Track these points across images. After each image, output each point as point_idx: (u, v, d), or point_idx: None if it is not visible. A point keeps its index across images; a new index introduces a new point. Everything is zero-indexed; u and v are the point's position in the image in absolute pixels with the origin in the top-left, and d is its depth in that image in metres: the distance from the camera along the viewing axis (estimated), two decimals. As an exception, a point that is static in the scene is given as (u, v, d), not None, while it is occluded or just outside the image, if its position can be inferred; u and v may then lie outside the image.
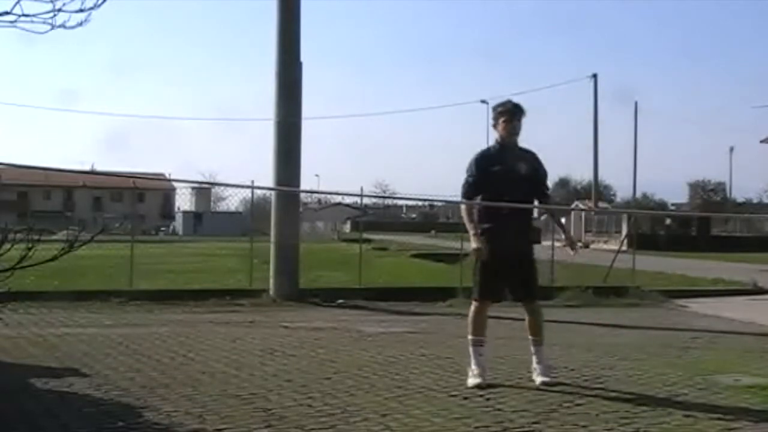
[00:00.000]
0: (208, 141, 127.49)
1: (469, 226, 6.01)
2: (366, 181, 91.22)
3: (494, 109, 6.08)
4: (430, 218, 78.32)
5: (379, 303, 11.50)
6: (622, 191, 66.50)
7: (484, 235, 5.89)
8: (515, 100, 6.06)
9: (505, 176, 5.87)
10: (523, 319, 6.11)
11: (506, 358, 6.84)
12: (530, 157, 6.08)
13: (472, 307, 5.98)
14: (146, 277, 13.49)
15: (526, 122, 6.04)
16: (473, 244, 5.91)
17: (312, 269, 14.33)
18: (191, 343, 7.72)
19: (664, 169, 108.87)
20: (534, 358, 5.94)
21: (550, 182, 6.72)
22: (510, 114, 5.95)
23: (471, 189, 5.98)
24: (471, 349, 5.91)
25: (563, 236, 6.62)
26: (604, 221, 42.84)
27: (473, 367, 5.84)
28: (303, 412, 4.96)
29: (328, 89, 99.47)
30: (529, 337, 5.99)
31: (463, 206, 6.11)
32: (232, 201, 51.38)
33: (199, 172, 65.59)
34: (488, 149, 6.09)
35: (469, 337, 5.94)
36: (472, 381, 5.77)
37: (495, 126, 6.02)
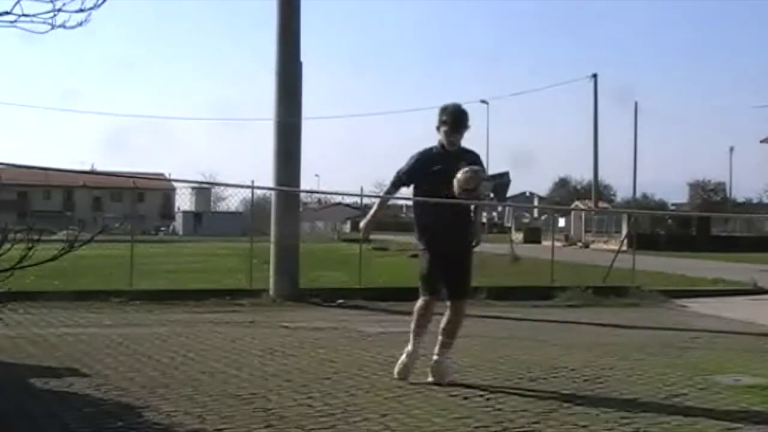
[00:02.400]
0: (208, 141, 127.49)
1: (375, 209, 6.30)
2: (366, 181, 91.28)
3: (440, 111, 5.97)
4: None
5: (379, 303, 11.49)
6: (622, 191, 66.54)
7: (425, 232, 5.96)
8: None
9: (445, 176, 5.77)
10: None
11: (506, 358, 6.85)
12: (471, 158, 5.98)
13: (419, 302, 5.99)
14: (146, 277, 13.49)
15: (526, 123, 6.14)
16: (364, 221, 6.21)
17: (312, 269, 14.32)
18: (191, 343, 7.72)
19: (664, 169, 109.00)
20: (435, 357, 5.90)
21: (550, 182, 6.73)
22: (451, 127, 5.88)
23: (398, 181, 6.05)
24: (412, 335, 5.97)
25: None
26: (604, 221, 42.86)
27: (409, 348, 5.95)
28: (303, 412, 4.96)
29: (328, 89, 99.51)
30: (440, 337, 5.93)
31: (383, 193, 6.27)
32: (232, 201, 51.32)
33: (199, 172, 65.57)
34: (430, 149, 6.01)
35: (412, 325, 5.99)
36: (399, 364, 5.94)
37: (438, 129, 5.97)
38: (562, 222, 44.89)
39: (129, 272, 12.40)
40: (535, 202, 65.91)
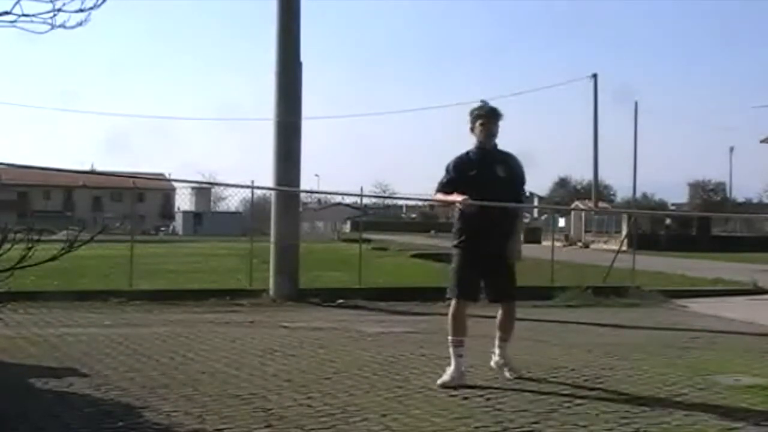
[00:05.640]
0: (208, 141, 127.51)
1: (445, 198, 5.92)
2: (366, 181, 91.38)
3: (471, 112, 6.01)
4: (430, 218, 78.29)
5: (379, 303, 11.50)
6: (622, 191, 66.60)
7: (463, 233, 5.88)
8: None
9: (483, 180, 5.83)
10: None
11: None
12: (509, 160, 6.02)
13: (452, 307, 5.94)
14: (146, 277, 13.49)
15: (526, 123, 6.22)
16: (459, 198, 5.74)
17: (312, 269, 14.33)
18: (191, 343, 7.72)
19: (664, 169, 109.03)
20: (499, 352, 6.03)
21: (550, 182, 6.75)
22: (487, 117, 5.91)
23: (442, 189, 5.95)
24: (451, 349, 5.85)
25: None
26: (604, 221, 42.86)
27: (451, 368, 5.79)
28: (303, 412, 4.95)
29: (328, 89, 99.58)
30: (498, 333, 6.04)
31: (437, 195, 6.01)
32: (232, 201, 51.32)
33: (199, 172, 65.48)
34: (466, 153, 6.00)
35: (449, 337, 5.90)
36: (442, 378, 5.74)
37: (472, 130, 5.98)
38: (562, 222, 44.90)
39: (129, 272, 12.40)
40: (535, 202, 65.91)
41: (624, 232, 32.23)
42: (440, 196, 6.02)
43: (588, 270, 16.17)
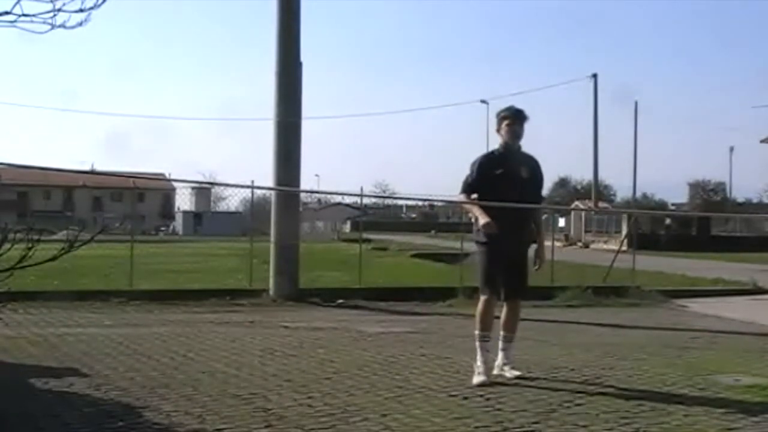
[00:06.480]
0: (208, 141, 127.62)
1: (472, 208, 6.10)
2: (366, 181, 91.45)
3: (497, 114, 6.21)
4: (430, 218, 78.34)
5: (379, 303, 11.50)
6: (622, 191, 66.61)
7: (489, 236, 5.93)
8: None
9: (507, 179, 5.97)
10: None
11: (506, 358, 6.83)
12: (532, 163, 6.21)
13: (481, 303, 6.06)
14: (146, 277, 13.49)
15: (526, 123, 6.13)
16: (482, 220, 5.88)
17: (312, 269, 14.33)
18: (191, 343, 7.72)
19: (664, 169, 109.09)
20: (502, 354, 6.08)
21: (550, 182, 6.85)
22: (513, 118, 6.08)
23: (469, 189, 6.11)
24: (477, 344, 5.98)
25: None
26: (604, 221, 42.87)
27: (479, 363, 5.91)
28: (303, 412, 4.96)
29: (328, 89, 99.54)
30: (502, 333, 6.10)
31: (462, 197, 6.18)
32: (232, 201, 51.36)
33: (199, 172, 65.50)
34: (492, 152, 6.20)
35: (476, 332, 6.01)
36: (477, 379, 5.84)
37: (498, 130, 6.16)
38: (562, 222, 44.88)
39: (129, 272, 12.40)
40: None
41: (624, 232, 32.22)
42: (466, 204, 6.18)
43: (588, 270, 16.17)
